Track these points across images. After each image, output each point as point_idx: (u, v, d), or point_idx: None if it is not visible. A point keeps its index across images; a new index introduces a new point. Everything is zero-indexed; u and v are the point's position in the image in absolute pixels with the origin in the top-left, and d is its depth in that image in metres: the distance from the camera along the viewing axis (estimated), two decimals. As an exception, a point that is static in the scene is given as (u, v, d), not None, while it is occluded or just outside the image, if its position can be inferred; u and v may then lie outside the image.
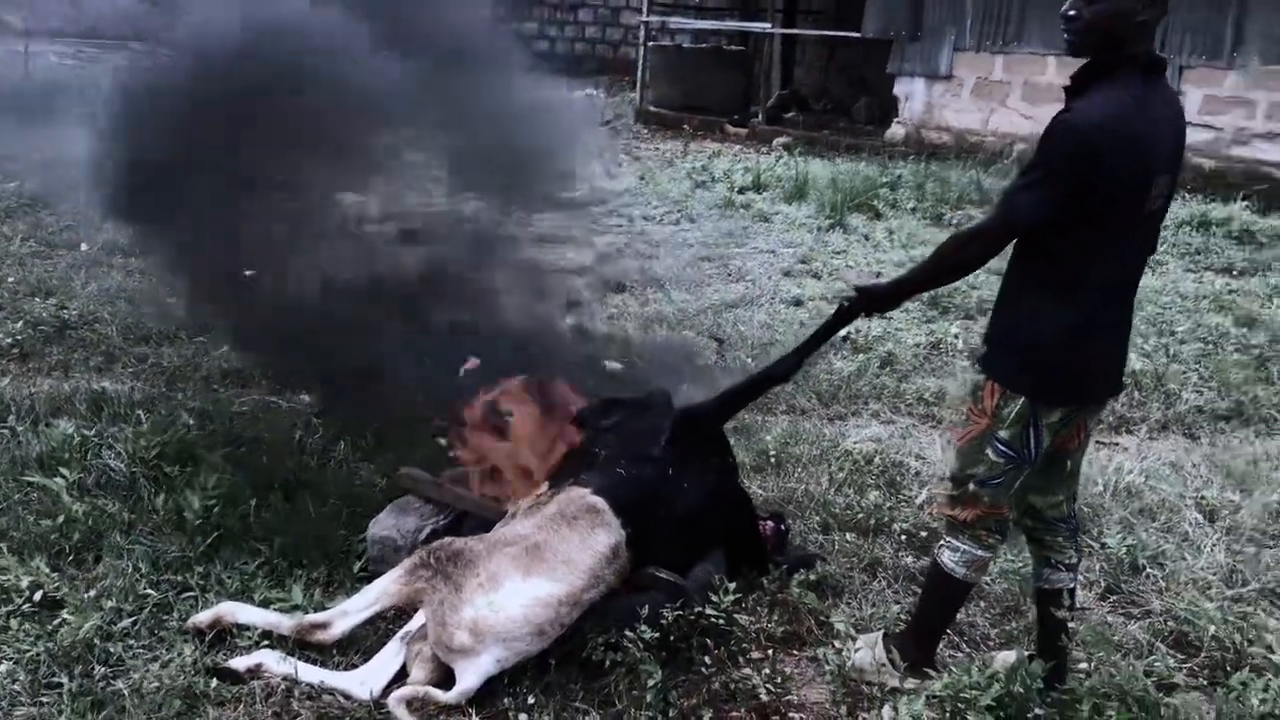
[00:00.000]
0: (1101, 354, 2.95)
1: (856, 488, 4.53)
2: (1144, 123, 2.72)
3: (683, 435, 3.67)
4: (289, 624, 3.20)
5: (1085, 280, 2.82)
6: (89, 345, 5.72)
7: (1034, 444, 2.94)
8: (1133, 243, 2.87)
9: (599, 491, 3.37)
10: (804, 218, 10.44)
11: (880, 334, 6.69)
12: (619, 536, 3.28)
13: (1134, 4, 2.67)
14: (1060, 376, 2.90)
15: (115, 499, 3.94)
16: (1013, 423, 2.92)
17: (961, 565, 3.13)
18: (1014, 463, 2.96)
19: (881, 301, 3.23)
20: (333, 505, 4.04)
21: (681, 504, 3.52)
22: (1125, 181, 2.72)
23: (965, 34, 14.17)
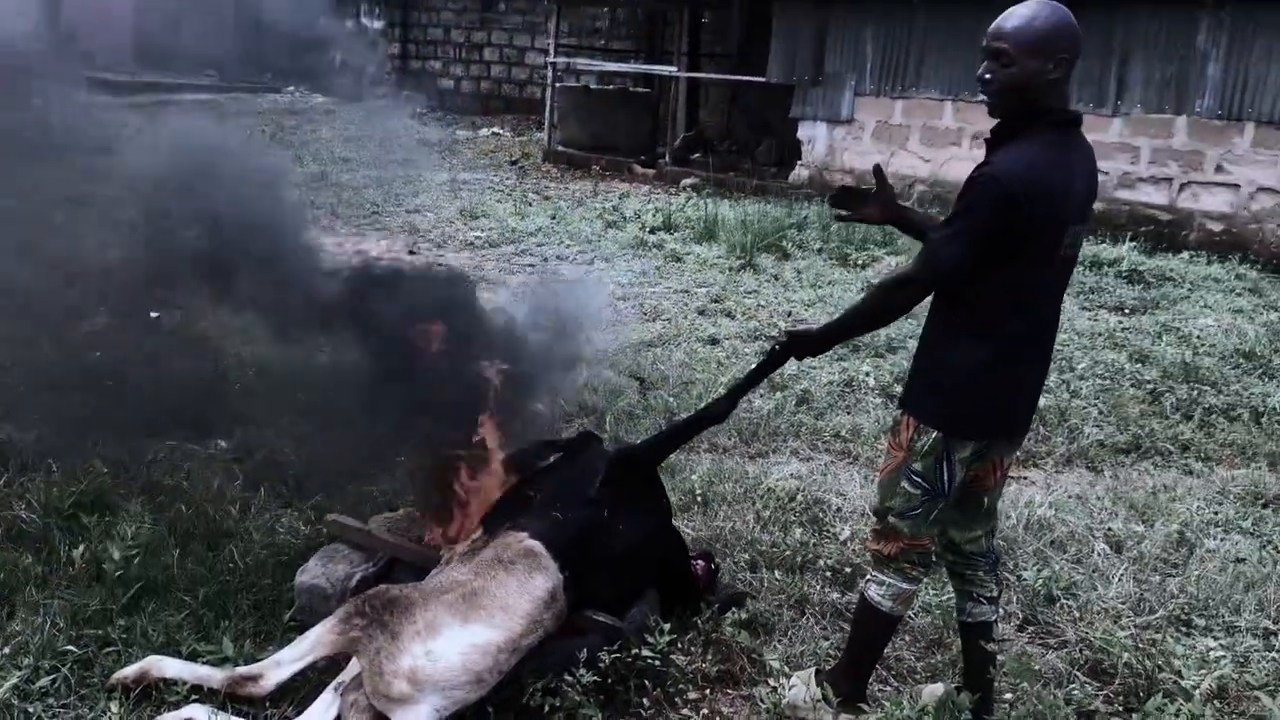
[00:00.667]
0: (1012, 392, 3.07)
1: (781, 525, 4.61)
2: (1059, 175, 2.88)
3: (617, 476, 3.69)
4: (219, 677, 3.12)
5: (999, 322, 2.95)
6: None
7: (947, 477, 3.05)
8: (1046, 287, 3.02)
9: (536, 535, 3.37)
10: (715, 258, 10.60)
11: (795, 372, 6.81)
12: (557, 580, 3.29)
13: (1042, 64, 2.82)
14: (972, 412, 3.02)
15: (28, 551, 3.81)
16: (925, 455, 3.03)
17: (888, 599, 3.21)
18: (928, 495, 3.07)
19: (812, 346, 3.32)
20: (258, 554, 3.97)
21: (617, 545, 3.54)
22: (1042, 230, 2.87)
23: (865, 79, 14.60)
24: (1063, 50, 2.84)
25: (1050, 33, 2.82)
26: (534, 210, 12.95)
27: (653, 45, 21.02)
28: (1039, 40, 2.81)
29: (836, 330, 3.27)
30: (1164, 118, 12.20)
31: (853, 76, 14.71)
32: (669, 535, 3.85)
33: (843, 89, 14.82)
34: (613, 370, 6.71)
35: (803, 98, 15.24)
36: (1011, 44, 2.81)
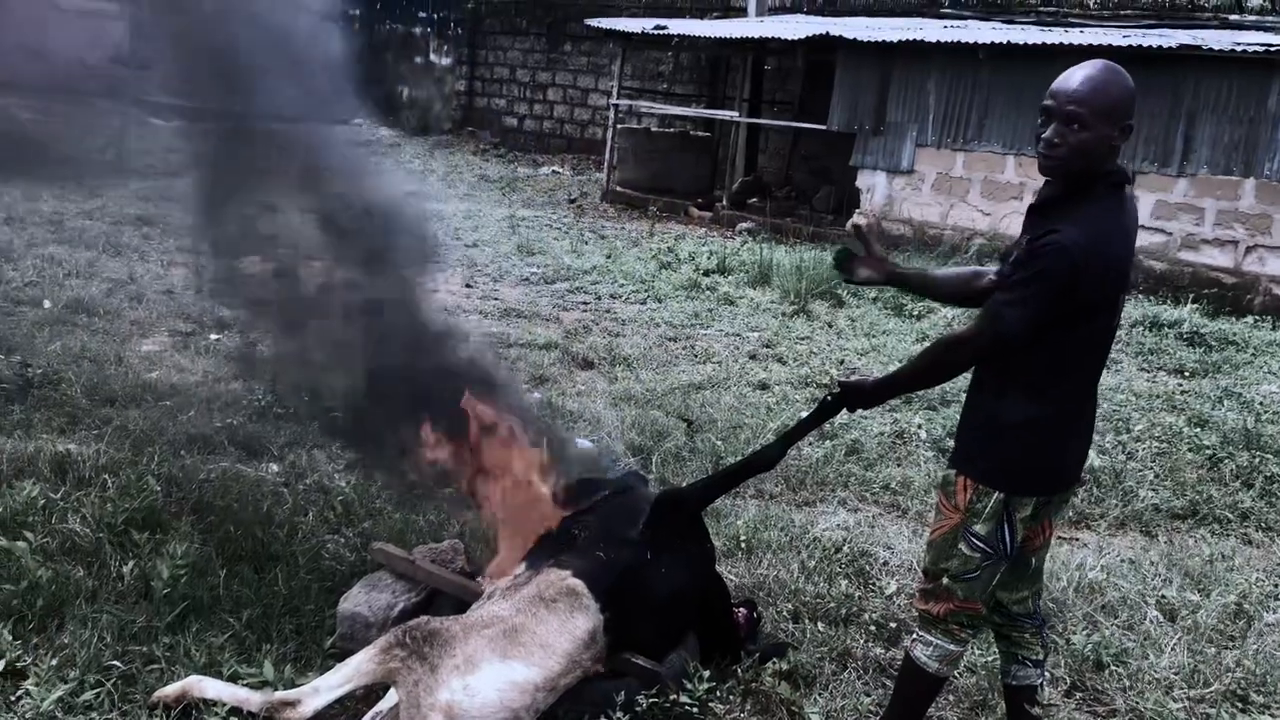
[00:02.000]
0: (1066, 448, 3.05)
1: (826, 576, 4.55)
2: (1120, 242, 2.88)
3: (662, 519, 3.67)
4: (258, 700, 3.14)
5: (1055, 381, 2.93)
6: (52, 405, 5.63)
7: (1008, 538, 3.01)
8: (1102, 345, 3.01)
9: (578, 574, 3.36)
10: (768, 303, 10.59)
11: (846, 422, 6.76)
12: (597, 621, 3.27)
13: (1111, 130, 2.80)
14: (1031, 470, 2.99)
15: (80, 565, 3.87)
16: (988, 517, 2.98)
17: (935, 660, 3.16)
18: (990, 558, 3.02)
19: (866, 398, 3.28)
20: (302, 579, 4.00)
21: (659, 589, 3.52)
22: (1104, 297, 2.87)
23: (927, 130, 14.57)
24: (1129, 116, 2.83)
25: (1122, 99, 2.81)
26: (589, 248, 13.04)
27: (715, 90, 21.17)
28: (1113, 107, 2.79)
29: (890, 384, 3.24)
30: (1231, 179, 12.02)
31: (914, 127, 14.69)
32: (712, 581, 3.82)
33: (904, 139, 14.80)
34: (661, 411, 6.70)
35: (863, 146, 15.24)
36: (1088, 109, 2.77)
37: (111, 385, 6.01)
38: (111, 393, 5.92)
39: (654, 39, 18.10)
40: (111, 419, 5.53)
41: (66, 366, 6.23)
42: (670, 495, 3.84)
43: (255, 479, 4.94)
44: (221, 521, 4.36)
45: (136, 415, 5.63)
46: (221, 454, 5.24)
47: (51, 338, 6.86)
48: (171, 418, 5.62)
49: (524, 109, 25.78)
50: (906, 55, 14.66)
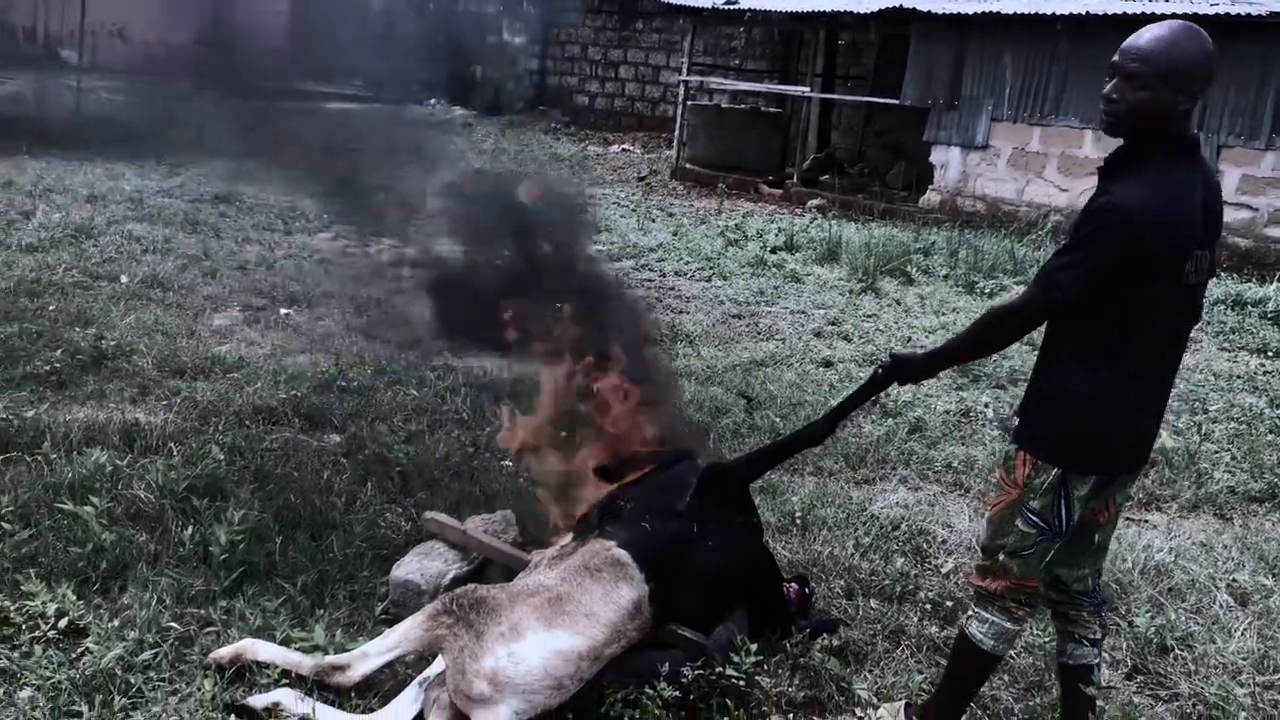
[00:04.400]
0: (1132, 424, 2.93)
1: (882, 554, 4.50)
2: (1182, 205, 2.74)
3: (709, 492, 3.65)
4: (309, 664, 3.19)
5: (1118, 352, 2.82)
6: (124, 376, 5.78)
7: (1064, 515, 2.93)
8: (1166, 316, 2.85)
9: (624, 545, 3.36)
10: (836, 280, 10.48)
11: (910, 400, 6.66)
12: (642, 591, 3.26)
13: (1174, 94, 2.69)
14: (1091, 446, 2.88)
15: (143, 530, 3.96)
16: (1044, 493, 2.91)
17: (990, 637, 3.09)
18: (1045, 535, 2.95)
19: (917, 371, 3.22)
20: (358, 546, 4.05)
21: (706, 561, 3.50)
22: (1161, 260, 2.73)
23: (1003, 104, 14.26)
24: (1198, 82, 2.70)
25: (1189, 62, 2.68)
26: (656, 226, 13.00)
27: (787, 66, 20.95)
28: (1177, 69, 2.67)
29: (943, 355, 3.16)
30: (1323, 153, 11.59)
31: (990, 101, 14.39)
32: (760, 555, 3.79)
33: (979, 114, 14.50)
34: (721, 387, 6.67)
35: (937, 121, 14.97)
36: (1150, 69, 2.68)
37: (181, 358, 6.15)
38: (181, 365, 6.05)
39: (726, 14, 17.95)
40: (180, 390, 5.66)
41: (139, 339, 6.39)
42: (717, 468, 3.80)
43: (316, 449, 5.02)
44: (281, 489, 4.44)
45: (204, 387, 5.75)
46: (285, 425, 5.33)
47: (126, 311, 7.04)
48: (238, 389, 5.73)
49: (595, 87, 25.79)
50: (982, 27, 14.35)
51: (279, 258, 9.51)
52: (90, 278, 7.89)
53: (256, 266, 9.05)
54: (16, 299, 7.02)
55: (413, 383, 6.09)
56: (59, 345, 6.06)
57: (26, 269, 7.79)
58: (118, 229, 9.64)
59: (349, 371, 6.08)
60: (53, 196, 10.83)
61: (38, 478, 4.25)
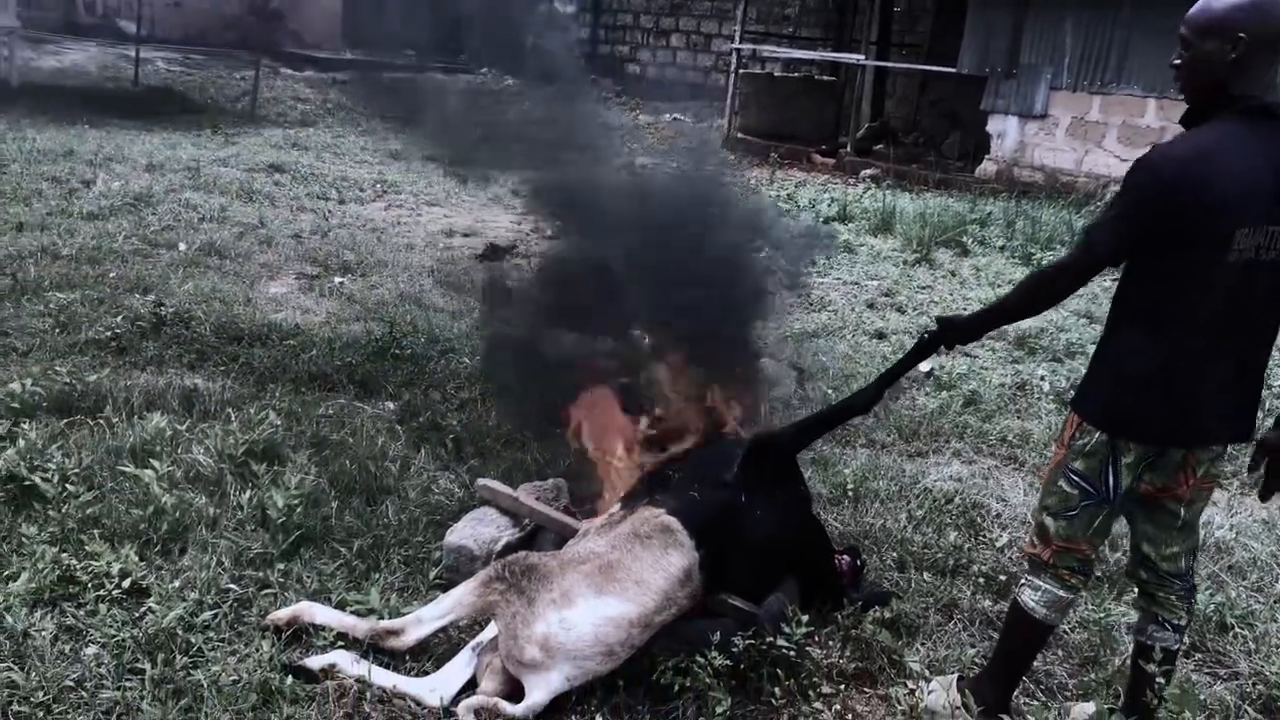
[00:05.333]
0: (1191, 397, 2.79)
1: (935, 527, 4.46)
2: (1231, 165, 2.62)
3: (756, 462, 3.64)
4: (364, 628, 3.24)
5: (1165, 319, 2.74)
6: (183, 342, 5.87)
7: (1111, 482, 2.87)
8: (1220, 289, 2.70)
9: (673, 512, 3.37)
10: (890, 251, 10.36)
11: (965, 372, 6.59)
12: (692, 558, 3.27)
13: (1219, 46, 2.62)
14: (1136, 413, 2.81)
15: (203, 493, 4.03)
16: (1088, 455, 2.87)
17: (1042, 605, 3.05)
18: (1090, 499, 2.90)
19: (962, 333, 3.19)
20: (411, 512, 4.10)
21: (755, 530, 3.49)
22: (1199, 223, 2.63)
23: (1062, 73, 13.96)
24: (1241, 29, 2.60)
25: (1227, 12, 2.61)
26: (709, 195, 12.91)
27: (841, 33, 20.67)
28: (1213, 22, 2.63)
29: (988, 317, 3.13)
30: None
31: (1049, 69, 14.10)
32: (809, 525, 3.78)
33: (1037, 82, 14.22)
34: (771, 359, 6.63)
35: (994, 90, 14.71)
36: (1190, 28, 2.68)
37: (239, 324, 6.23)
38: (238, 331, 6.13)
39: (779, -19, 17.72)
40: (238, 356, 5.74)
41: (197, 306, 6.48)
42: (763, 438, 3.79)
43: (371, 415, 5.07)
44: (337, 455, 4.49)
45: (261, 353, 5.82)
46: (340, 391, 5.39)
47: (184, 279, 7.15)
48: (294, 356, 5.80)
49: (646, 56, 25.64)
50: (1043, -7, 14.04)
51: (333, 226, 9.59)
52: (149, 245, 8.01)
53: (311, 235, 9.14)
54: (78, 266, 7.16)
55: (466, 351, 6.13)
56: (119, 311, 6.17)
57: (88, 236, 7.93)
58: (175, 197, 9.77)
59: (402, 339, 6.11)
60: (112, 165, 11.01)
61: (100, 441, 4.33)
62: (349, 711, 2.99)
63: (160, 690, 2.93)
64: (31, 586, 3.28)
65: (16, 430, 4.21)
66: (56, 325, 5.92)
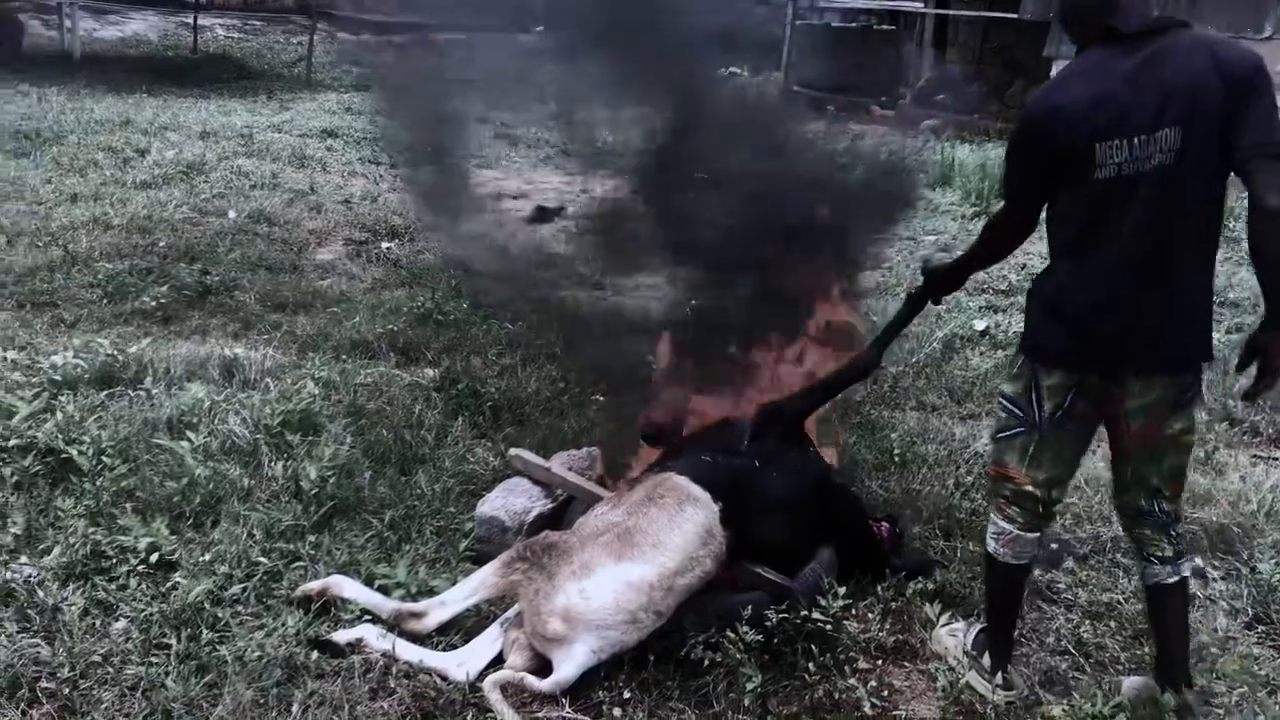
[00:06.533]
0: (1099, 322, 2.75)
1: (985, 492, 4.30)
2: (1081, 86, 2.67)
3: (764, 430, 3.61)
4: (388, 608, 3.20)
5: (1058, 245, 2.82)
6: (228, 311, 5.89)
7: (1036, 407, 2.88)
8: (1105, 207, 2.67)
9: (684, 472, 3.33)
10: (948, 204, 10.09)
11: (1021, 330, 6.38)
12: (710, 513, 3.21)
13: None
14: (1049, 339, 2.86)
15: (238, 464, 4.01)
16: (1014, 379, 2.94)
17: (993, 540, 3.08)
18: (1020, 423, 2.92)
19: (945, 282, 3.41)
20: (446, 482, 4.05)
21: (775, 495, 3.43)
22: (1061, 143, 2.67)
23: (1132, 15, 13.43)
24: None
25: None
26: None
27: (901, -20, 20.12)
28: None
29: (963, 265, 3.36)
30: None
31: (1117, 12, 13.56)
32: (835, 491, 3.67)
33: (1105, 26, 13.70)
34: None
35: (1058, 36, 14.18)
36: None
37: (283, 292, 6.24)
38: (283, 299, 6.14)
39: (835, -72, 17.29)
40: (281, 324, 5.74)
41: (243, 274, 6.50)
42: (769, 407, 3.71)
43: (410, 383, 5.04)
44: (373, 424, 4.46)
45: (304, 321, 5.82)
46: (380, 359, 5.36)
47: (232, 246, 7.17)
48: (337, 324, 5.79)
49: (702, 8, 25.24)
50: (1111, -68, 13.50)
51: (383, 191, 9.58)
52: (199, 213, 8.06)
53: (361, 200, 9.13)
54: (129, 236, 7.22)
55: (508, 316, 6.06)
56: (166, 281, 6.20)
57: (139, 206, 8.00)
58: (228, 165, 9.82)
59: (445, 305, 6.07)
60: (167, 134, 11.10)
61: (138, 413, 4.34)
62: (374, 687, 2.96)
63: (185, 666, 2.91)
64: (63, 560, 3.29)
65: (55, 403, 4.22)
66: (104, 295, 5.98)
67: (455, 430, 4.54)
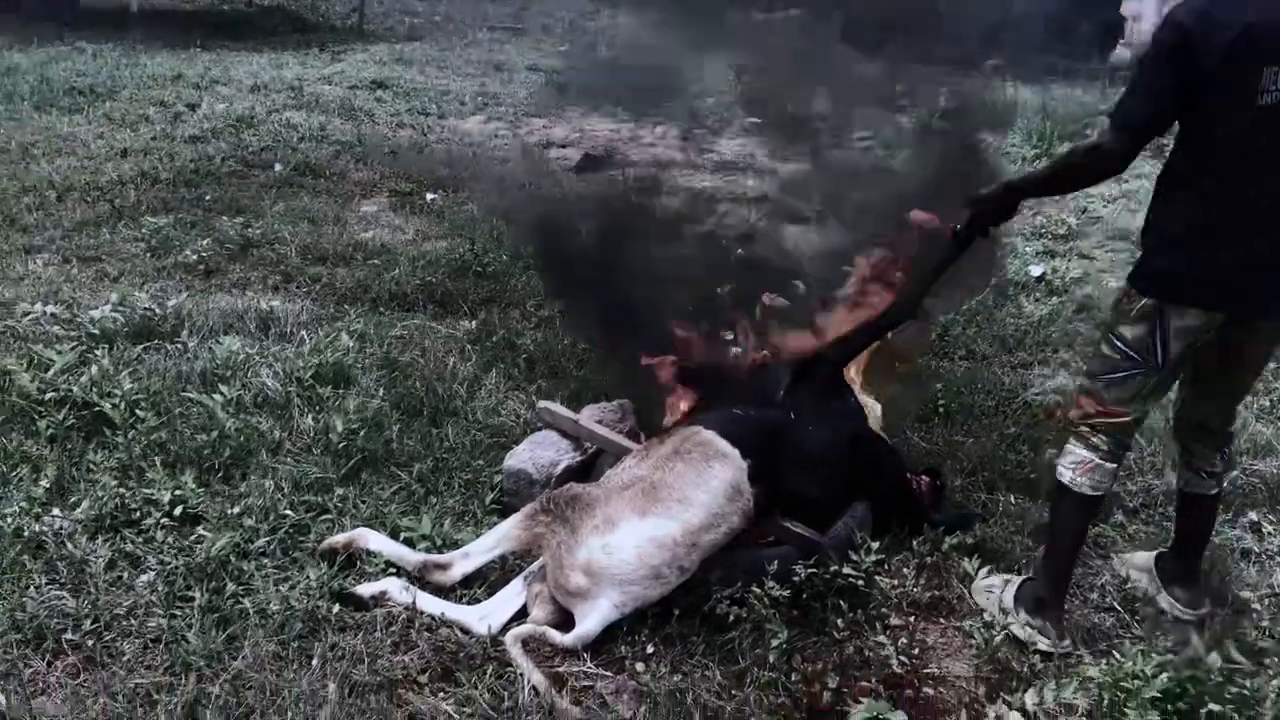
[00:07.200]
0: (1244, 258, 2.65)
1: (1032, 444, 4.16)
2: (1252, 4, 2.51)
3: (803, 380, 3.50)
4: (413, 560, 3.17)
5: (1203, 176, 2.65)
6: (269, 264, 5.88)
7: (1160, 348, 2.77)
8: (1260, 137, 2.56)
9: (712, 425, 3.23)
10: (1008, 146, 9.78)
11: (1079, 275, 6.17)
12: (738, 470, 3.11)
13: None
14: (1184, 275, 2.71)
15: (269, 417, 4.00)
16: (1134, 320, 2.78)
17: (1071, 470, 2.96)
18: (1136, 365, 2.81)
19: (997, 208, 3.13)
20: (475, 435, 4.01)
21: (810, 448, 3.32)
22: (1224, 66, 2.50)
23: (1207, -55, 12.86)
24: None
25: None
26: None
27: (964, -84, 19.46)
28: None
29: (1021, 187, 3.09)
30: None
31: (1191, -58, 13.00)
32: (870, 441, 3.56)
33: (1178, -43, 13.13)
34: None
35: (1129, -31, 13.65)
36: None
37: (324, 245, 6.21)
38: (324, 252, 6.12)
39: None
40: (321, 277, 5.72)
41: (285, 226, 6.49)
42: (808, 357, 3.60)
43: (445, 335, 4.99)
44: (405, 376, 4.43)
45: (344, 273, 5.80)
46: (418, 311, 5.32)
47: (276, 199, 7.17)
48: (377, 276, 5.75)
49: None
50: None
51: (430, 142, 9.52)
52: (246, 166, 8.07)
53: (408, 151, 9.08)
54: (175, 189, 7.24)
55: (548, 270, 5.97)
56: (209, 234, 6.21)
57: (187, 159, 8.02)
58: (276, 118, 9.81)
59: (485, 256, 6.01)
60: (218, 88, 11.13)
61: (172, 366, 4.34)
62: (396, 640, 2.93)
63: (207, 619, 2.89)
64: (92, 513, 3.30)
65: (90, 356, 4.24)
66: (149, 249, 6.00)
67: (488, 383, 4.49)
